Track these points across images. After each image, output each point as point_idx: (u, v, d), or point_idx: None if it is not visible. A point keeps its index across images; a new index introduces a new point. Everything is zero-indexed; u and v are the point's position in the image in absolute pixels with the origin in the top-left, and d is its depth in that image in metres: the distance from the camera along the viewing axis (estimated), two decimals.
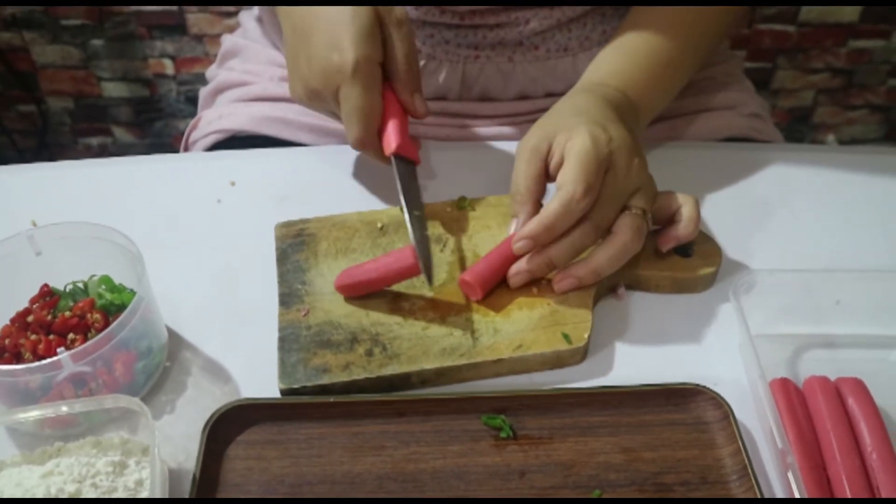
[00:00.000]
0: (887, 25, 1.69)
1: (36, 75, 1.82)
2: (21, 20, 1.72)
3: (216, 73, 0.92)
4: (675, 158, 0.75)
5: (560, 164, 0.59)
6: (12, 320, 0.56)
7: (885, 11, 1.66)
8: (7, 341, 0.54)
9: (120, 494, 0.46)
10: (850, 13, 1.67)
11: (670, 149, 0.77)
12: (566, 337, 0.57)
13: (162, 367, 0.57)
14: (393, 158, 0.64)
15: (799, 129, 1.88)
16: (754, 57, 1.74)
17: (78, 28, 1.74)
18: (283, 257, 0.64)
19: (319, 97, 0.64)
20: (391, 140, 0.63)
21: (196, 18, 1.74)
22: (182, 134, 2.07)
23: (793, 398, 0.54)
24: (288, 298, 0.60)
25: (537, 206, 0.61)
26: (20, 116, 1.89)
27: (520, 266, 0.60)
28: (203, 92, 0.93)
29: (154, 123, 1.92)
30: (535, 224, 0.58)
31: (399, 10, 0.63)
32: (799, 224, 0.70)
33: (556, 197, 0.57)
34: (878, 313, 0.60)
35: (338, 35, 0.60)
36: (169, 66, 1.81)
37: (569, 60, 0.80)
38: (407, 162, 0.65)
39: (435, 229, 0.66)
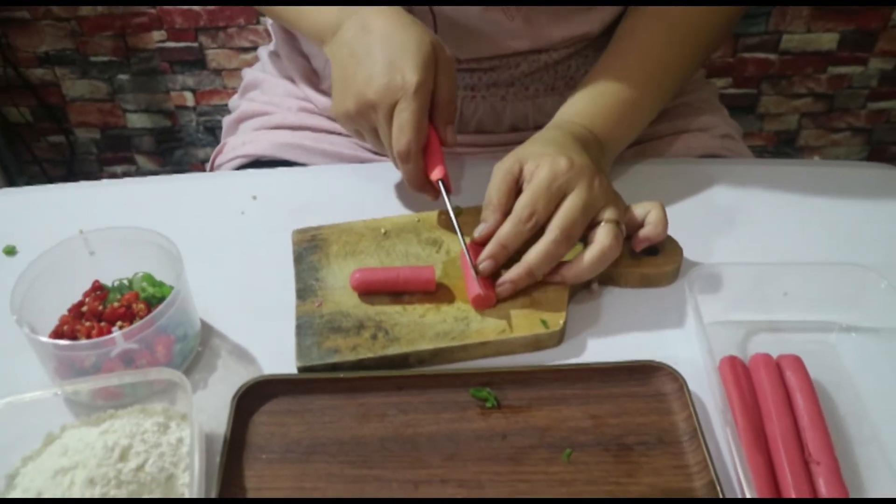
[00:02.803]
0: (864, 52, 1.79)
1: (65, 108, 1.94)
2: (53, 57, 1.84)
3: (238, 104, 1.02)
4: (654, 173, 0.85)
5: None
6: (69, 310, 0.65)
7: (860, 39, 1.76)
8: (65, 328, 0.64)
9: (164, 449, 0.55)
10: (828, 41, 1.77)
11: (649, 165, 0.86)
12: (544, 322, 0.66)
13: (195, 351, 0.66)
14: (440, 184, 0.71)
15: (785, 152, 1.97)
16: (739, 84, 1.83)
17: (105, 64, 1.86)
18: (299, 258, 0.73)
19: (371, 110, 0.70)
20: (439, 170, 0.71)
21: (215, 54, 1.85)
22: (200, 161, 2.17)
23: (739, 372, 0.62)
24: (303, 293, 0.69)
25: (504, 215, 0.69)
26: (50, 147, 2.01)
27: (504, 278, 0.68)
28: (226, 121, 1.02)
29: (174, 152, 2.03)
30: (491, 245, 0.67)
31: (447, 51, 0.71)
32: (753, 225, 0.78)
33: (508, 219, 0.67)
34: (820, 302, 0.68)
35: (402, 59, 0.68)
36: (189, 99, 1.92)
37: (556, 98, 0.87)
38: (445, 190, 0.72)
39: (432, 233, 0.75)
